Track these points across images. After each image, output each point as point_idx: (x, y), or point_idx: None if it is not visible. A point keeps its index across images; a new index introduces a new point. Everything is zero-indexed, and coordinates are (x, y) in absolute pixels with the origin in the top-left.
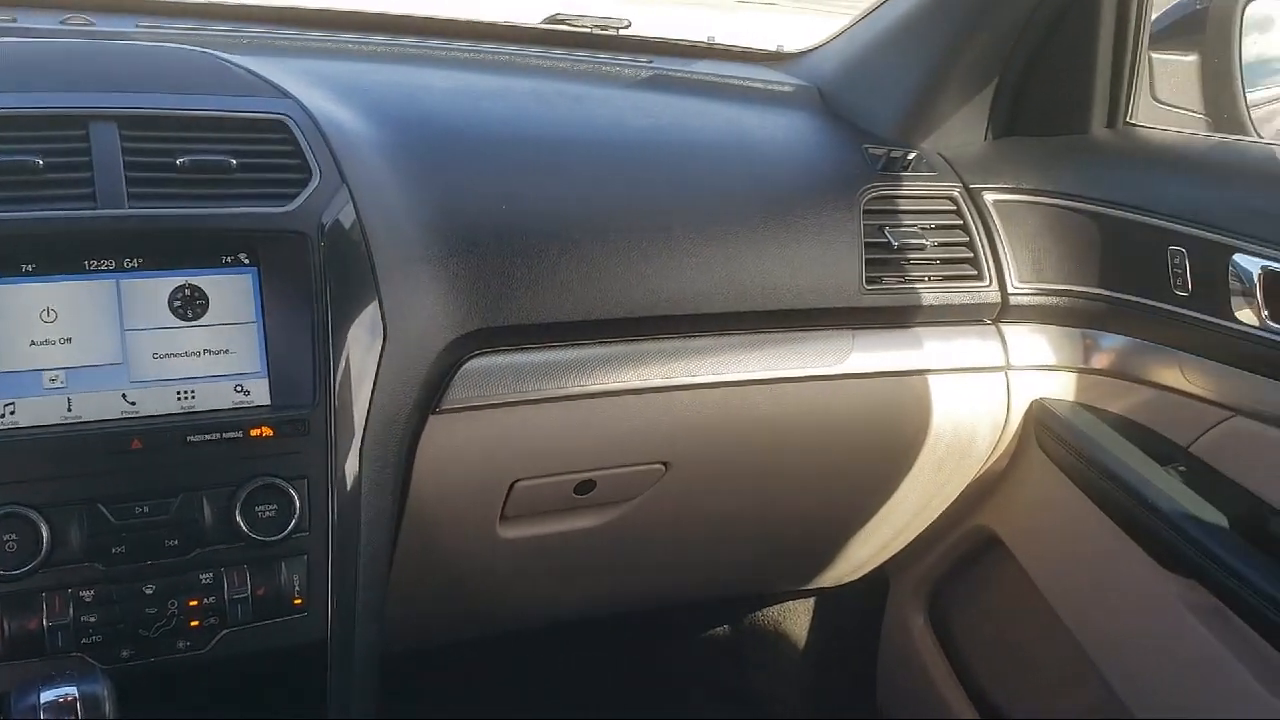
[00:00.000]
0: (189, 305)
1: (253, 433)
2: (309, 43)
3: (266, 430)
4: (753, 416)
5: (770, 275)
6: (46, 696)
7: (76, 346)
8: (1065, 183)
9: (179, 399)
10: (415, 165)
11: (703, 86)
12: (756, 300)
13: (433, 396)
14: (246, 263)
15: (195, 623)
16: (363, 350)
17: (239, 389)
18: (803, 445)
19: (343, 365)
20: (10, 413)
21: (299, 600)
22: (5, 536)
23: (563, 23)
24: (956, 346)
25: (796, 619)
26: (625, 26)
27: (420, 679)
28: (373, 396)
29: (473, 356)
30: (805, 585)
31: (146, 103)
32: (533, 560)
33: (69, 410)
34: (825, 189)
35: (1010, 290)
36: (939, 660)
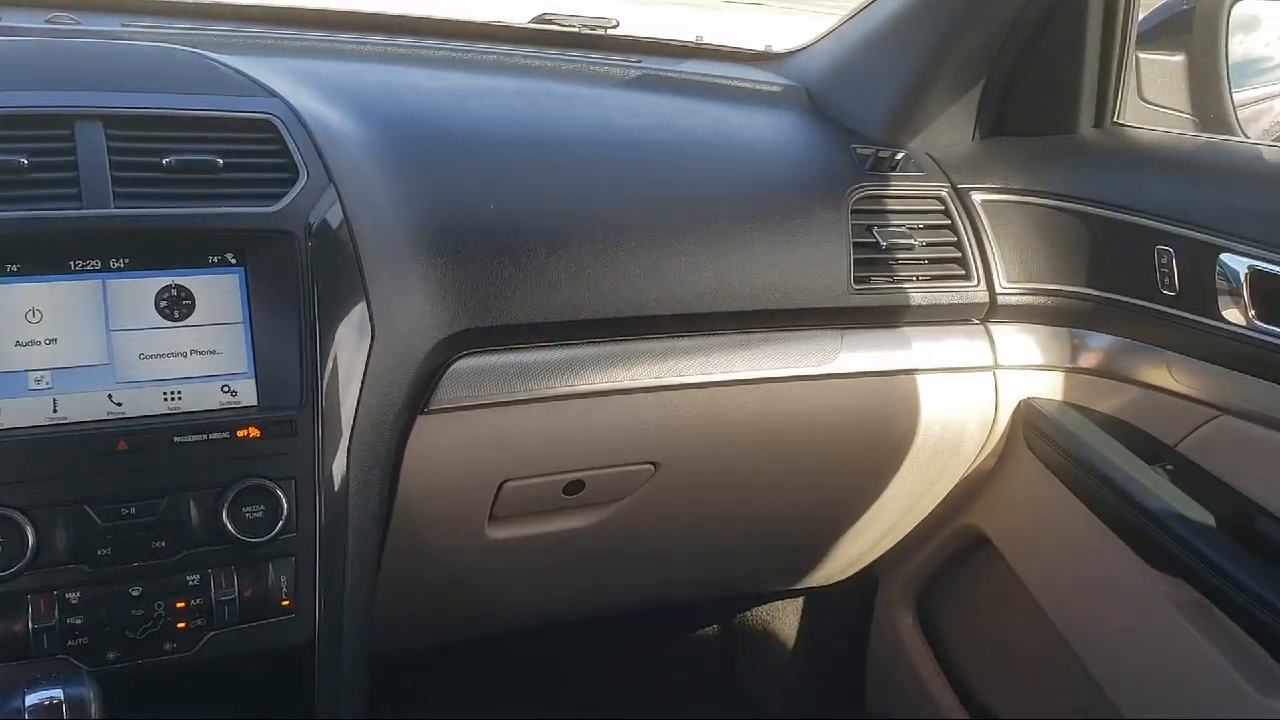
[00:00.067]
0: (175, 305)
1: (240, 433)
2: (296, 42)
3: (254, 431)
4: (741, 416)
5: (758, 275)
6: (31, 699)
7: (62, 347)
8: (1053, 182)
9: (166, 400)
10: (403, 165)
11: (691, 86)
12: (745, 300)
13: (421, 397)
14: (233, 263)
15: (182, 624)
16: (350, 350)
17: (226, 389)
18: (791, 445)
19: (330, 365)
20: None
21: (286, 601)
22: None
23: (550, 22)
24: (945, 346)
25: (785, 618)
26: (613, 26)
27: (408, 680)
28: (360, 397)
29: (461, 357)
30: (794, 585)
31: (132, 102)
32: (521, 561)
33: (55, 411)
34: (813, 189)
35: (998, 290)
36: (927, 659)
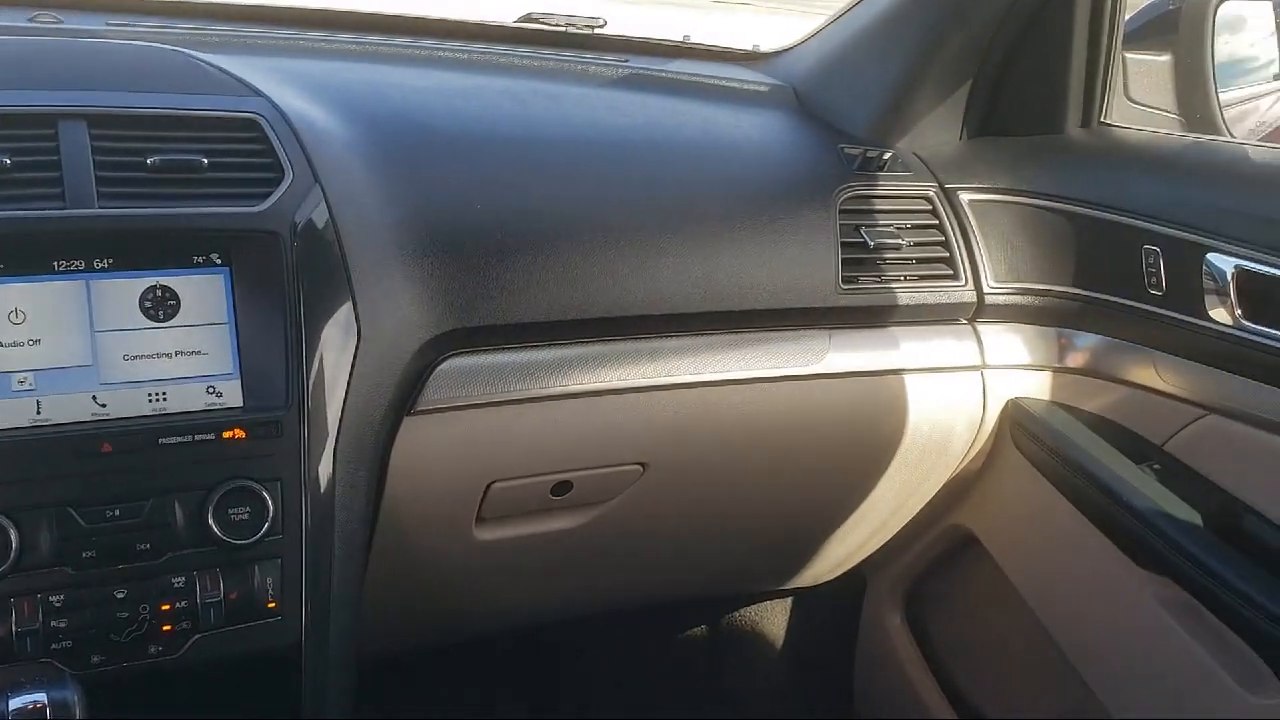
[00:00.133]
0: (160, 306)
1: (225, 435)
2: (281, 41)
3: (239, 432)
4: (730, 416)
5: (747, 275)
6: (15, 704)
7: (46, 348)
8: (1040, 182)
9: (150, 401)
10: (389, 164)
11: (678, 86)
12: (733, 300)
13: (407, 397)
14: (218, 263)
15: (167, 627)
16: (336, 351)
17: (211, 390)
18: (780, 445)
19: (316, 366)
20: None
21: (272, 604)
22: None
23: (537, 21)
24: (932, 346)
25: (774, 618)
26: (600, 25)
27: (396, 682)
28: (346, 398)
29: (448, 357)
30: (783, 585)
31: (116, 101)
32: (509, 562)
33: (38, 413)
34: (801, 189)
35: (985, 290)
36: (915, 659)
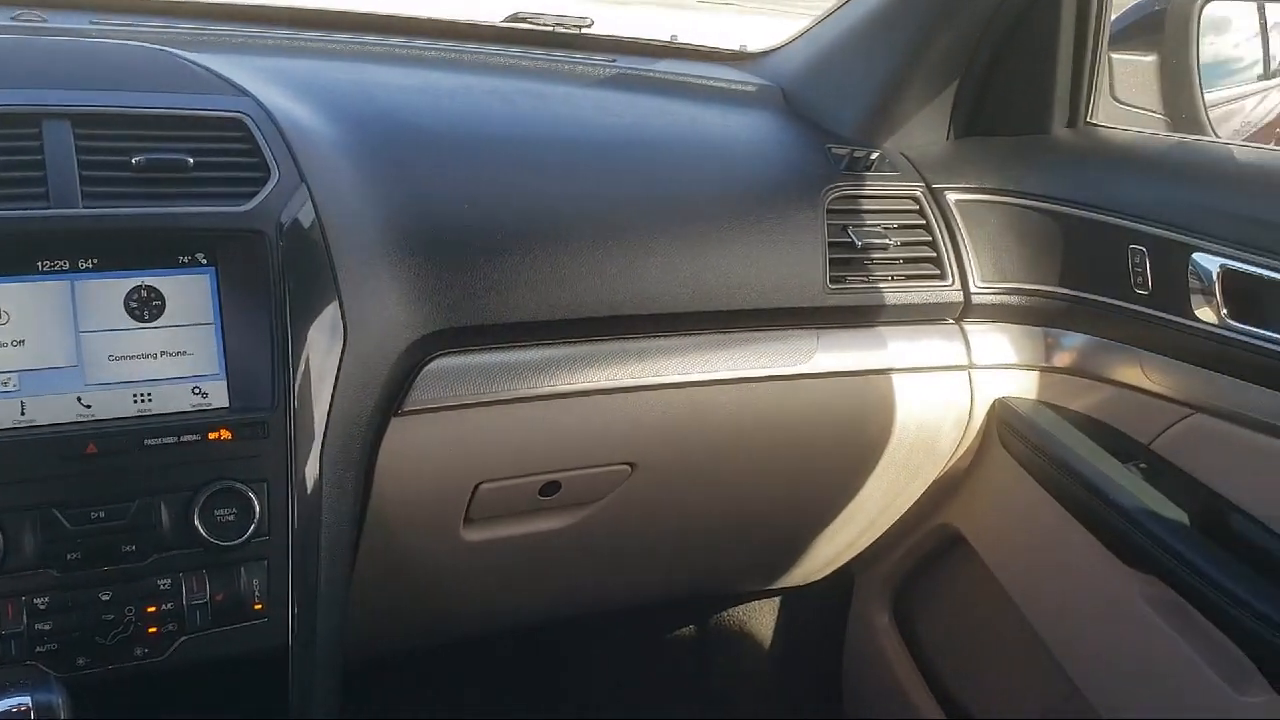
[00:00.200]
0: (145, 306)
1: (211, 436)
2: (267, 40)
3: (225, 433)
4: (718, 416)
5: (735, 275)
6: None
7: (30, 349)
8: (1027, 182)
9: (136, 402)
10: (376, 164)
11: (666, 85)
12: (721, 300)
13: (395, 398)
14: (204, 263)
15: (153, 629)
16: (323, 351)
17: (197, 391)
18: (768, 445)
19: (302, 367)
20: None
21: (259, 605)
22: None
23: (524, 21)
24: (920, 346)
25: (762, 618)
26: (588, 25)
27: (383, 685)
28: (333, 398)
29: (435, 357)
30: (771, 585)
31: (101, 101)
32: (497, 563)
33: (22, 414)
34: (789, 189)
35: (973, 289)
36: (903, 657)
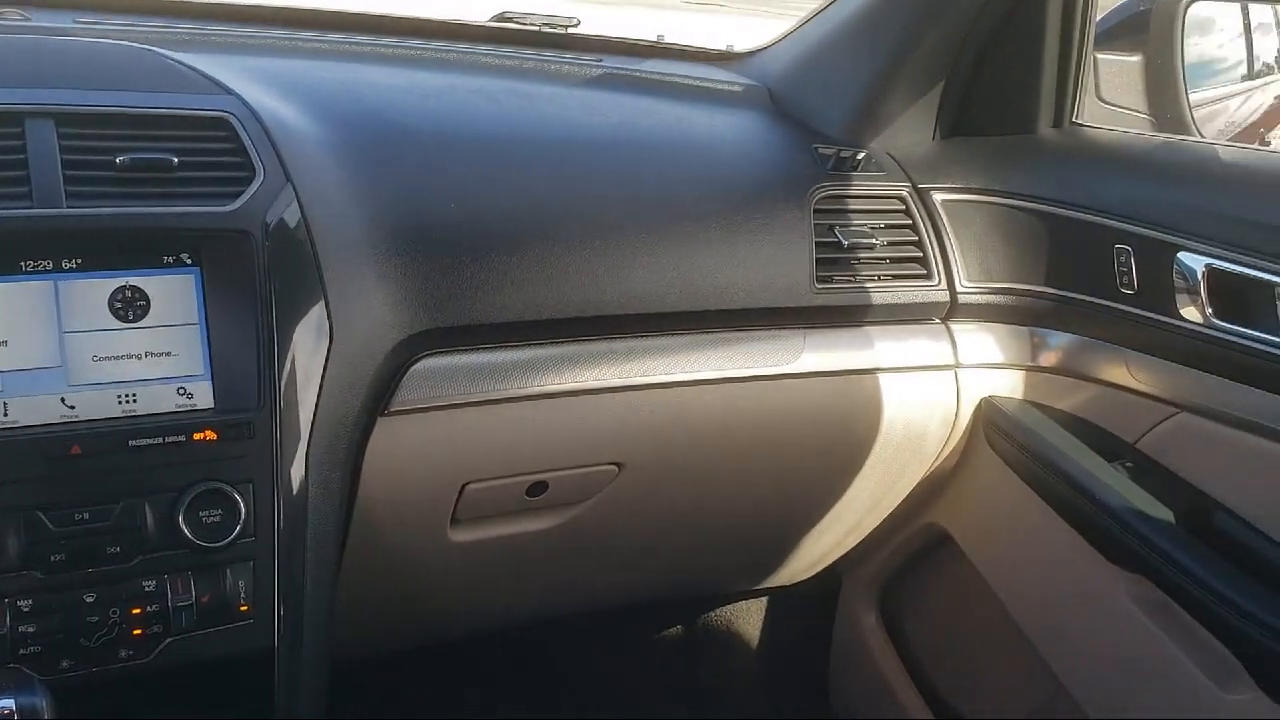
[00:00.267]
0: (130, 307)
1: (196, 436)
2: (252, 40)
3: (210, 434)
4: (705, 416)
5: (722, 275)
6: None
7: (13, 350)
8: (1012, 182)
9: (120, 403)
10: (362, 164)
11: (653, 85)
12: (708, 300)
13: (381, 398)
14: (189, 263)
15: (138, 631)
16: (308, 351)
17: (182, 392)
18: (756, 445)
19: (288, 367)
20: None
21: (245, 607)
22: None
23: (511, 21)
24: (906, 345)
25: (750, 618)
26: (574, 25)
27: (371, 686)
28: (319, 399)
29: (421, 357)
30: (759, 585)
31: (84, 100)
32: (484, 564)
33: (5, 415)
34: (776, 188)
35: (959, 289)
36: (890, 657)
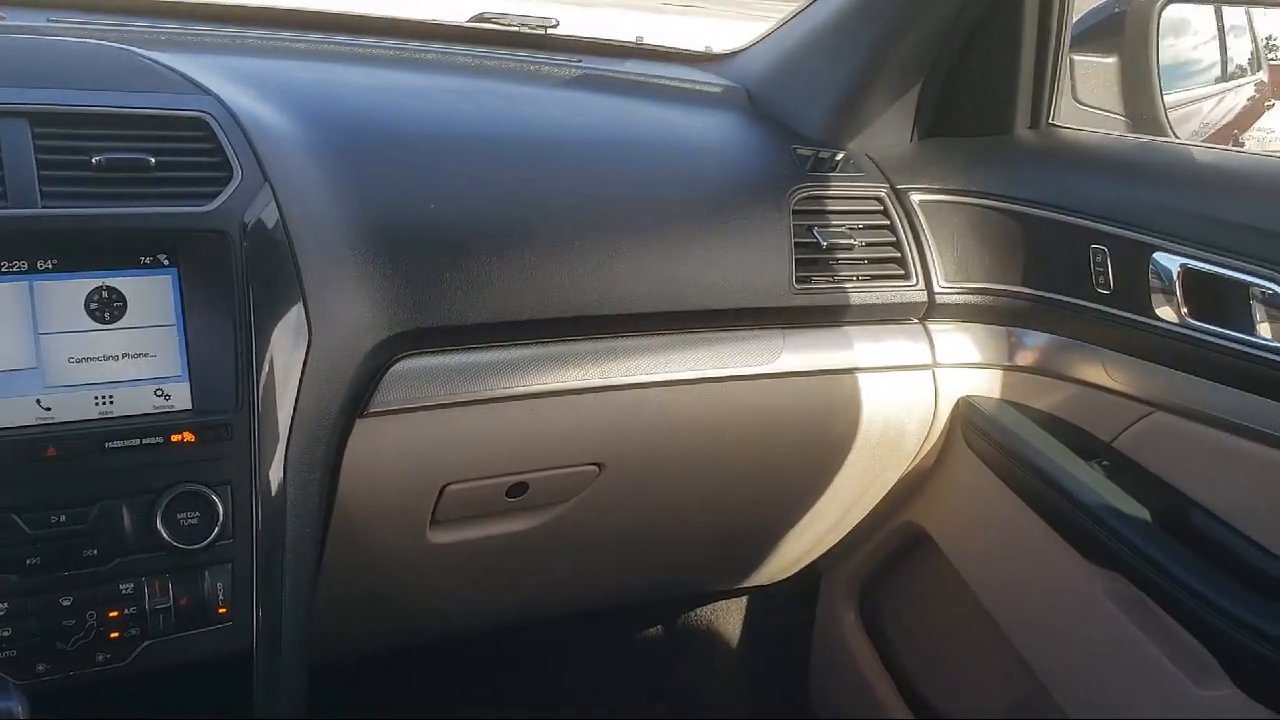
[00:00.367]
0: (106, 307)
1: (174, 438)
2: (229, 39)
3: (188, 435)
4: (686, 416)
5: (701, 275)
6: None
7: None
8: (989, 183)
9: (97, 404)
10: (340, 164)
11: (632, 86)
12: (688, 300)
13: (360, 399)
14: (166, 263)
15: (115, 634)
16: (287, 352)
17: (159, 393)
18: (736, 445)
19: (267, 368)
20: None
21: (223, 609)
22: None
23: (489, 21)
24: (885, 345)
25: (730, 617)
26: (553, 26)
27: (350, 690)
28: (298, 400)
29: (401, 358)
30: (739, 584)
31: (59, 99)
32: (464, 565)
33: None
34: (755, 189)
35: (936, 289)
36: (869, 654)
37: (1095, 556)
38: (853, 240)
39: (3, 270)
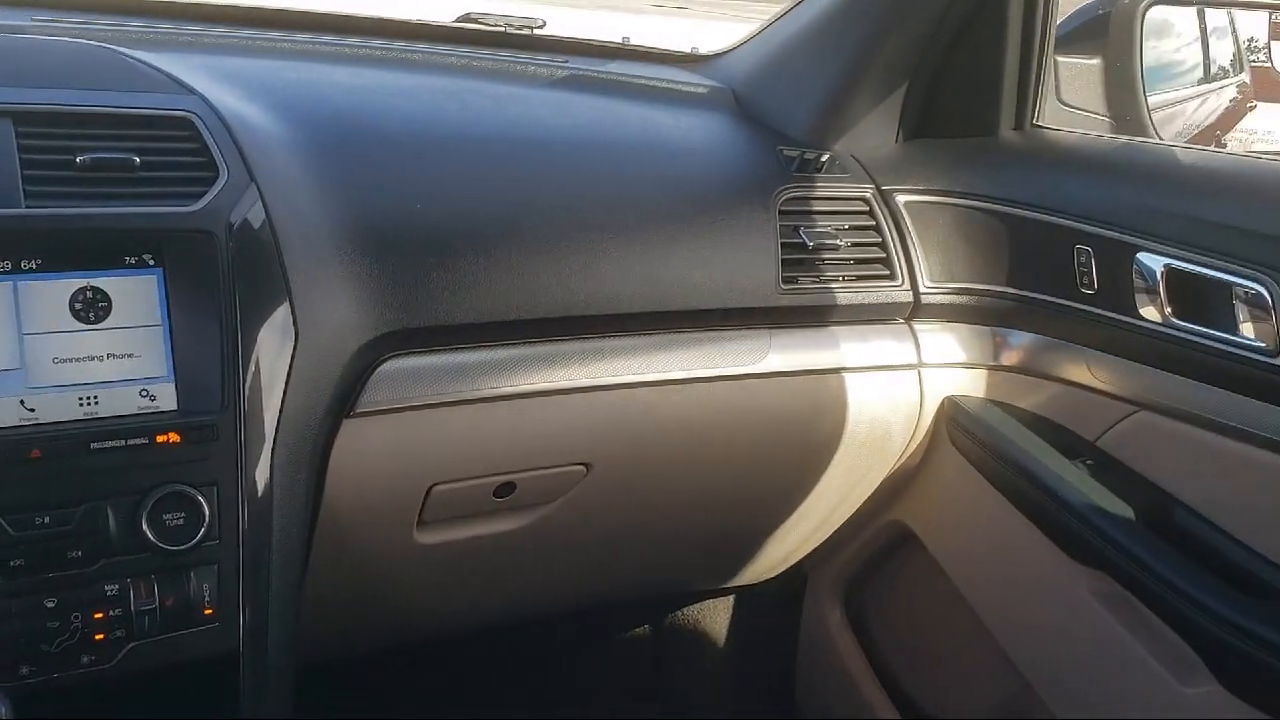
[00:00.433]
0: (91, 308)
1: (159, 439)
2: (214, 39)
3: (174, 436)
4: (673, 416)
5: (688, 276)
6: None
7: None
8: (974, 184)
9: (81, 405)
10: (326, 164)
11: (618, 87)
12: (675, 300)
13: (347, 399)
14: (151, 264)
15: (100, 636)
16: (273, 353)
17: (145, 394)
18: (722, 444)
19: (252, 368)
20: None
21: (209, 610)
22: None
23: (475, 21)
24: (871, 345)
25: (716, 617)
26: (539, 26)
27: (337, 691)
28: (284, 400)
29: (388, 358)
30: (726, 583)
31: (44, 99)
32: (452, 565)
33: None
34: (742, 190)
35: (922, 289)
36: (855, 654)
37: (1080, 555)
38: (839, 241)
39: None
